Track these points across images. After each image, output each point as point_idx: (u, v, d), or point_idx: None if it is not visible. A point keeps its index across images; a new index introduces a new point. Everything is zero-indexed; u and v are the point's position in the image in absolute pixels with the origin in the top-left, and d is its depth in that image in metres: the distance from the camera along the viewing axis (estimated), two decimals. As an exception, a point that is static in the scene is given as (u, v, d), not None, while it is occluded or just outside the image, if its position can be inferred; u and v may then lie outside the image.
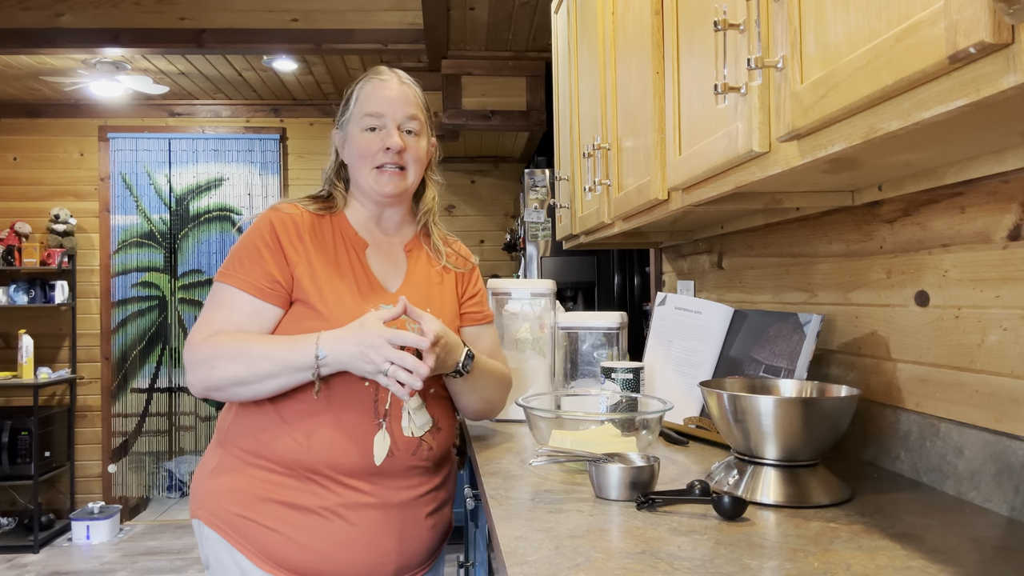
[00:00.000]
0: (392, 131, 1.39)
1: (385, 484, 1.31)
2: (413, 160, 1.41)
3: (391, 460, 1.31)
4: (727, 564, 0.84)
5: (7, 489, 4.77)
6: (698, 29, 1.20)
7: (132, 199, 5.17)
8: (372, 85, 1.42)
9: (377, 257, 1.43)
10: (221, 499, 1.30)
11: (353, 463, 1.29)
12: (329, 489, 1.28)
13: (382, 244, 1.46)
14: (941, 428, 1.13)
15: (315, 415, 1.28)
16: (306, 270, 1.34)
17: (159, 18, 3.65)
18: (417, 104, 1.43)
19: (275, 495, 1.28)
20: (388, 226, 1.48)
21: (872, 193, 1.27)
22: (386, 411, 1.32)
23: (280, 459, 1.28)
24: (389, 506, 1.31)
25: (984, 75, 0.59)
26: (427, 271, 1.47)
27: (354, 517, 1.28)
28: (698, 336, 1.65)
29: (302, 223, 1.38)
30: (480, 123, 4.14)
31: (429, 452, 1.36)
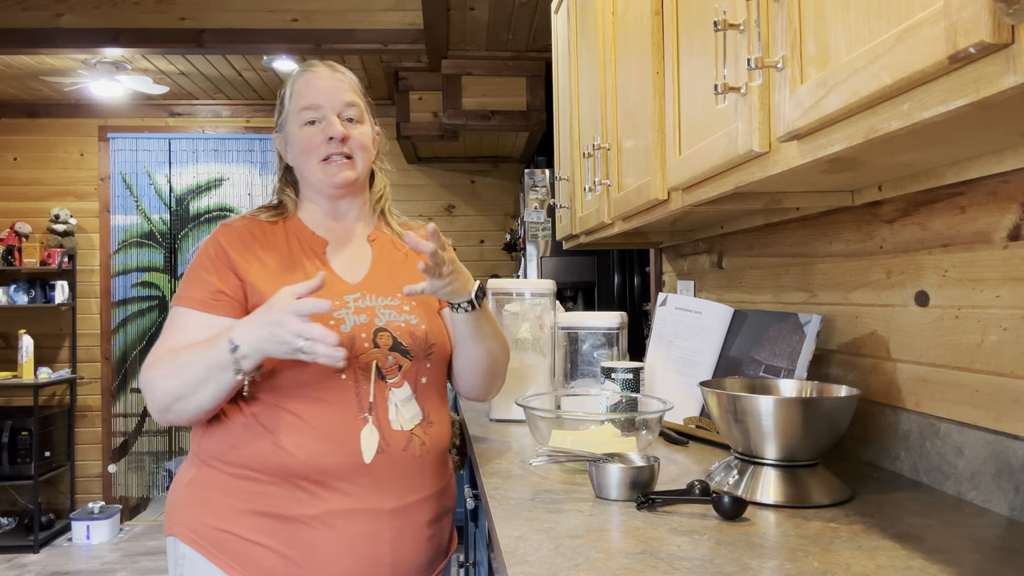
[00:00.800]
0: (332, 120, 1.34)
1: (375, 486, 1.23)
2: (359, 148, 1.37)
3: (382, 457, 1.23)
4: (727, 564, 0.84)
5: (7, 489, 4.77)
6: (698, 29, 1.20)
7: (132, 199, 5.17)
8: (304, 79, 1.37)
9: (339, 252, 1.38)
10: (200, 513, 1.22)
11: (341, 463, 1.21)
12: (316, 496, 1.20)
13: (343, 239, 1.41)
14: (941, 428, 1.13)
15: (295, 416, 1.22)
16: (260, 275, 1.29)
17: (159, 18, 3.65)
18: (354, 90, 1.39)
19: (259, 506, 1.20)
20: (347, 220, 1.43)
21: (872, 193, 1.27)
22: (370, 404, 1.24)
23: (262, 467, 1.21)
24: (381, 513, 1.23)
25: (984, 75, 0.59)
26: (392, 256, 1.42)
27: (342, 524, 1.20)
28: (698, 336, 1.65)
29: (252, 233, 1.34)
30: (480, 123, 4.14)
31: (422, 448, 1.29)
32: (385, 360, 1.27)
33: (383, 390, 1.26)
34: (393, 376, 1.28)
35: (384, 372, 1.27)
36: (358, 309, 1.29)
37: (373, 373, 1.26)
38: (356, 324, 1.27)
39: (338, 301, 1.28)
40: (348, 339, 1.24)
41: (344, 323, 1.26)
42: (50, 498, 4.98)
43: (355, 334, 1.26)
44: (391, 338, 1.29)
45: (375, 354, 1.26)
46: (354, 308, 1.29)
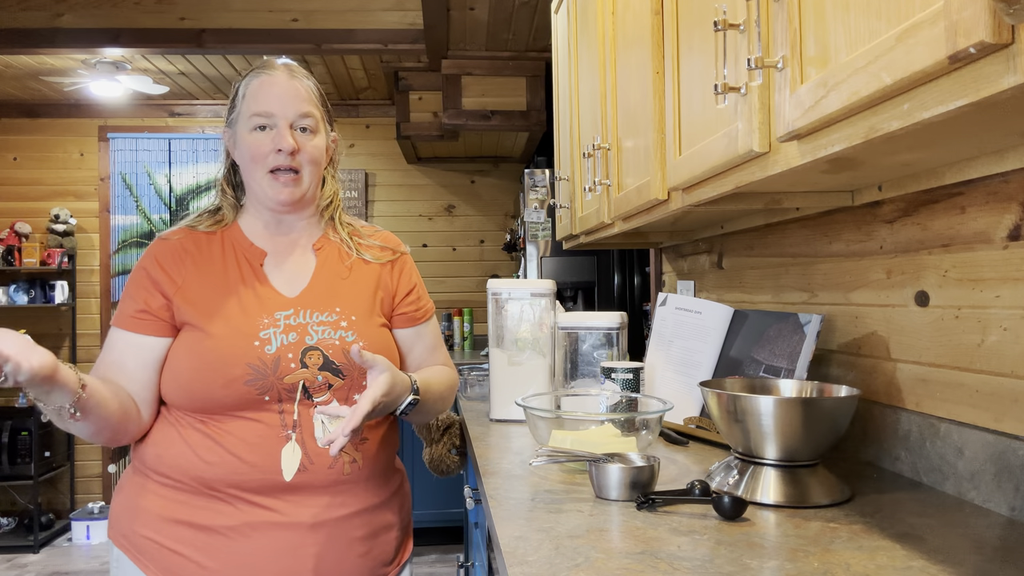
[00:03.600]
0: (284, 131, 1.27)
1: (297, 501, 1.20)
2: (308, 161, 1.30)
3: (305, 475, 1.20)
4: (727, 564, 0.84)
5: (7, 489, 4.77)
6: (698, 29, 1.20)
7: (132, 199, 5.17)
8: (259, 81, 1.30)
9: (279, 264, 1.33)
10: (131, 519, 1.23)
11: (258, 480, 1.18)
12: (234, 506, 1.19)
13: (285, 250, 1.35)
14: (941, 428, 1.13)
15: (217, 430, 1.20)
16: (187, 293, 1.26)
17: (159, 18, 3.64)
18: (310, 99, 1.31)
19: (178, 514, 1.19)
20: (291, 233, 1.36)
21: (872, 193, 1.27)
22: (295, 422, 1.21)
23: (183, 476, 1.20)
24: (301, 526, 1.19)
25: (984, 75, 0.59)
26: (336, 267, 1.35)
27: (260, 537, 1.18)
28: (698, 336, 1.65)
29: (185, 247, 1.30)
30: (480, 123, 4.13)
31: (353, 466, 1.24)
32: (314, 380, 1.23)
33: (308, 408, 1.22)
34: (321, 395, 1.24)
35: (312, 391, 1.23)
36: (288, 327, 1.24)
37: (299, 393, 1.22)
38: (283, 344, 1.23)
39: (267, 319, 1.24)
40: (272, 360, 1.21)
41: (270, 344, 1.22)
42: (50, 498, 4.98)
43: (280, 354, 1.22)
44: (322, 357, 1.24)
45: (302, 374, 1.22)
46: (283, 326, 1.24)
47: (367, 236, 1.42)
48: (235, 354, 1.20)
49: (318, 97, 1.34)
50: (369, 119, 5.14)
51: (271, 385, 1.20)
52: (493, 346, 1.85)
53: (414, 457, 4.02)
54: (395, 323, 1.40)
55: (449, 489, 3.89)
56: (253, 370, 1.20)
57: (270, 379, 1.20)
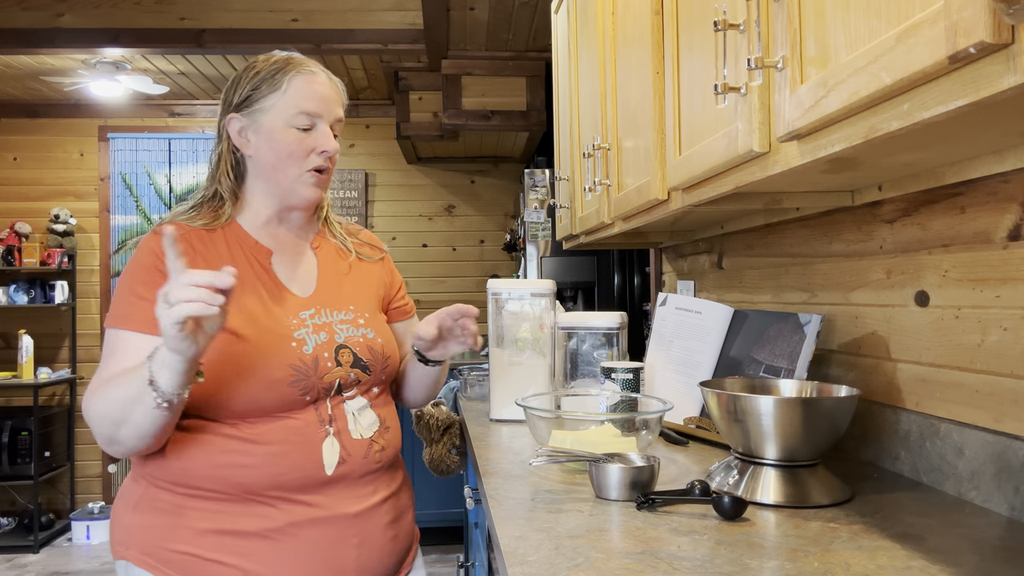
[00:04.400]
0: (328, 133, 1.28)
1: (338, 495, 1.20)
2: (334, 164, 1.32)
3: (344, 467, 1.21)
4: (727, 564, 0.84)
5: (7, 489, 4.77)
6: (698, 29, 1.20)
7: (132, 199, 5.17)
8: (305, 79, 1.27)
9: (284, 262, 1.30)
10: (154, 536, 1.16)
11: (302, 477, 1.17)
12: (276, 508, 1.16)
13: (288, 247, 1.32)
14: (941, 428, 1.13)
15: (250, 433, 1.16)
16: None
17: (159, 18, 3.64)
18: (343, 104, 1.34)
19: (216, 524, 1.14)
20: (294, 227, 1.34)
21: (872, 193, 1.27)
22: (330, 417, 1.22)
23: (217, 487, 1.15)
24: (345, 519, 1.20)
25: (984, 75, 0.59)
26: (336, 266, 1.36)
27: (305, 534, 1.17)
28: (698, 336, 1.65)
29: (191, 244, 1.23)
30: (480, 123, 4.13)
31: (381, 453, 1.27)
32: (347, 377, 1.25)
33: (339, 403, 1.24)
34: (350, 390, 1.26)
35: (343, 388, 1.25)
36: (316, 327, 1.25)
37: (334, 390, 1.23)
38: (317, 344, 1.22)
39: (295, 319, 1.23)
40: (311, 360, 1.20)
41: (306, 344, 1.21)
42: (50, 498, 4.98)
43: (317, 354, 1.22)
44: (351, 354, 1.26)
45: (338, 372, 1.23)
46: (312, 326, 1.24)
47: (355, 234, 1.45)
48: (275, 356, 1.18)
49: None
50: (369, 119, 5.14)
51: (312, 385, 1.20)
52: (493, 346, 1.85)
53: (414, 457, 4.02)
54: (391, 317, 1.45)
55: (449, 489, 3.89)
56: (295, 371, 1.19)
57: (312, 379, 1.20)
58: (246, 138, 1.28)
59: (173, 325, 0.97)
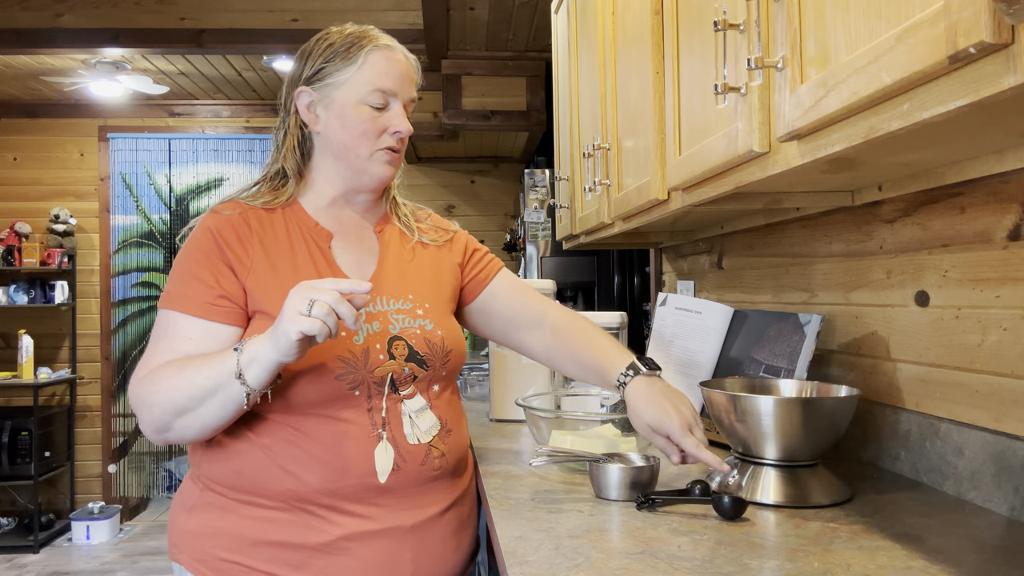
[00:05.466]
0: (403, 114, 1.23)
1: (394, 506, 1.11)
2: (404, 146, 1.28)
3: (398, 475, 1.11)
4: (727, 564, 0.84)
5: (7, 489, 4.77)
6: (698, 29, 1.20)
7: (132, 199, 5.17)
8: (382, 54, 1.21)
9: (346, 246, 1.23)
10: (206, 543, 1.12)
11: (353, 485, 1.09)
12: (329, 520, 1.09)
13: (351, 230, 1.26)
14: (941, 428, 1.13)
15: (302, 436, 1.10)
16: (259, 278, 1.14)
17: (159, 18, 3.64)
18: (417, 84, 1.29)
19: (268, 535, 1.09)
20: (359, 209, 1.28)
21: (872, 193, 1.27)
22: (384, 419, 1.13)
23: (268, 493, 1.10)
24: (400, 532, 1.11)
25: (984, 75, 0.59)
26: (400, 252, 1.28)
27: (358, 549, 1.09)
28: (698, 336, 1.65)
29: (248, 224, 1.18)
30: (480, 123, 4.13)
31: (441, 459, 1.16)
32: (401, 372, 1.15)
33: (395, 403, 1.14)
34: (406, 387, 1.16)
35: (397, 384, 1.15)
36: (369, 315, 1.16)
37: (387, 386, 1.14)
38: (369, 334, 1.14)
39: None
40: (362, 351, 1.12)
41: (357, 334, 1.13)
42: (50, 498, 4.98)
43: (369, 345, 1.13)
44: (407, 347, 1.17)
45: (391, 366, 1.14)
46: (365, 315, 1.15)
47: (424, 219, 1.38)
48: (323, 345, 1.07)
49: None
50: (369, 119, 5.13)
51: (362, 379, 1.12)
52: (493, 346, 1.85)
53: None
54: (467, 294, 1.35)
55: (449, 489, 3.87)
56: (344, 363, 1.11)
57: (361, 372, 1.12)
58: (315, 113, 1.22)
59: (298, 332, 0.96)
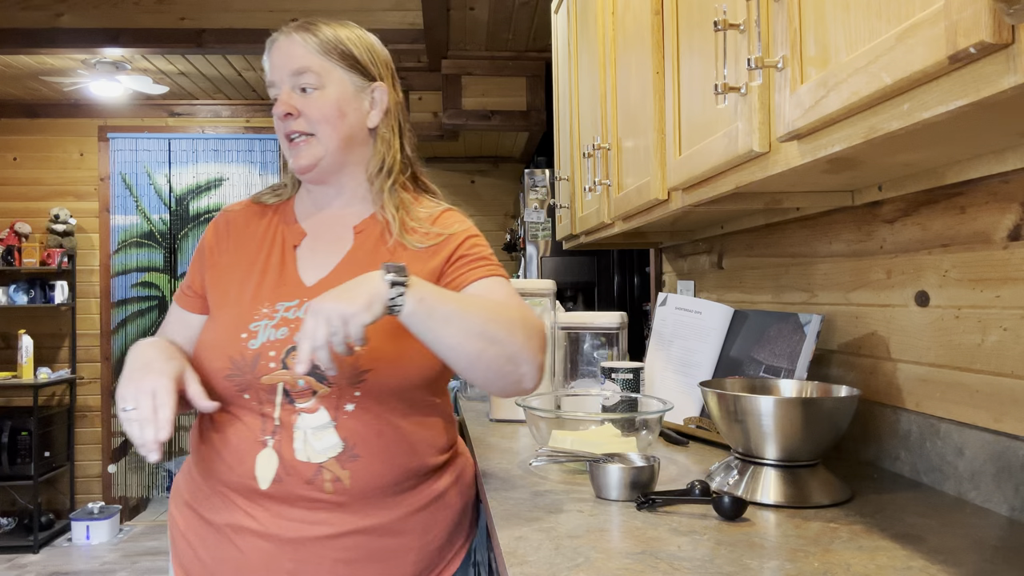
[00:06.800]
0: (283, 98, 1.17)
1: (275, 512, 1.08)
2: (319, 120, 1.16)
3: (280, 486, 1.08)
4: (727, 564, 0.84)
5: (7, 489, 4.77)
6: (698, 29, 1.20)
7: (132, 199, 5.17)
8: (271, 49, 1.20)
9: (316, 246, 1.21)
10: (171, 501, 1.23)
11: (237, 483, 1.10)
12: (225, 505, 1.11)
13: (329, 229, 1.22)
14: (941, 428, 1.13)
15: (213, 427, 1.14)
16: (215, 274, 1.21)
17: (159, 18, 3.64)
18: (307, 54, 1.17)
19: (194, 502, 1.16)
20: (331, 208, 1.24)
21: (872, 193, 1.27)
22: (274, 428, 1.09)
23: (196, 463, 1.17)
24: (279, 540, 1.07)
25: (984, 75, 0.59)
26: (372, 254, 1.18)
27: (241, 542, 1.09)
28: (698, 336, 1.65)
29: (237, 221, 1.24)
30: (480, 123, 4.14)
31: (335, 484, 1.08)
32: (295, 383, 1.09)
33: (290, 415, 1.09)
34: (304, 400, 1.09)
35: (293, 396, 1.10)
36: (284, 321, 1.12)
37: (279, 395, 1.10)
38: (268, 340, 1.11)
39: (267, 308, 1.14)
40: (252, 356, 1.10)
41: (255, 337, 1.11)
42: (50, 498, 4.98)
43: (262, 352, 1.10)
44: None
45: (281, 376, 1.09)
46: (279, 319, 1.12)
47: (423, 218, 1.22)
48: (221, 344, 1.12)
49: (323, 48, 1.18)
50: (369, 119, 5.13)
51: (249, 383, 1.10)
52: (493, 346, 1.84)
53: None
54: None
55: (449, 489, 3.87)
56: (233, 364, 1.10)
57: (247, 377, 1.10)
58: None
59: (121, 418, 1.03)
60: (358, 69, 1.21)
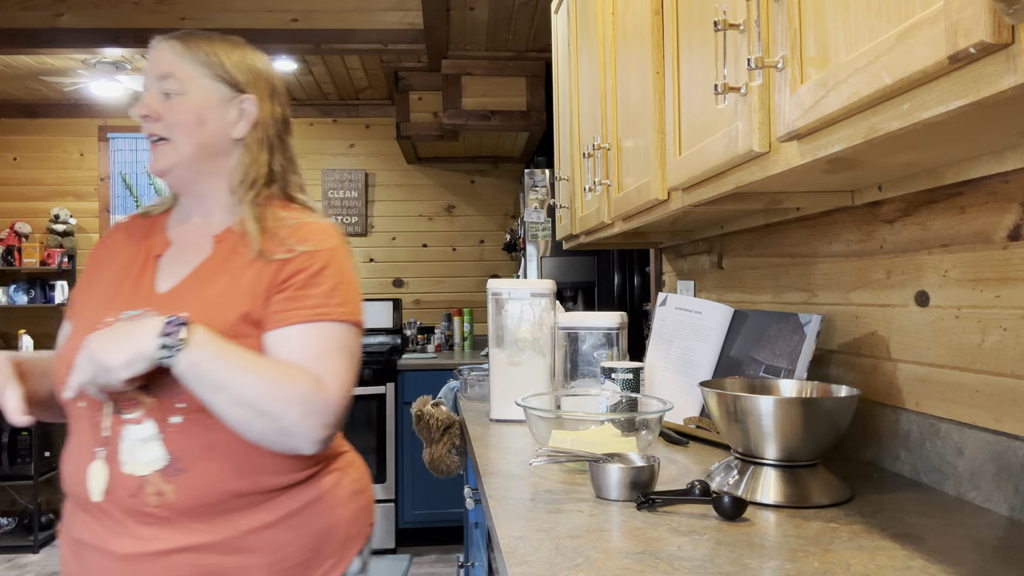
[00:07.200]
0: (143, 100, 1.17)
1: (109, 527, 1.06)
2: (175, 125, 1.15)
3: (111, 499, 1.06)
4: (727, 564, 0.84)
5: (7, 489, 4.77)
6: (698, 29, 1.20)
7: (132, 199, 5.17)
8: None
9: (177, 257, 1.19)
10: None
11: (74, 493, 1.10)
12: (73, 518, 1.11)
13: (193, 239, 1.21)
14: (941, 428, 1.13)
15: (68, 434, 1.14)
16: (84, 284, 1.22)
17: (159, 18, 3.64)
18: (174, 60, 1.17)
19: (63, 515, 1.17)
20: (193, 219, 1.23)
21: (872, 193, 1.27)
22: (104, 439, 1.07)
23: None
24: (112, 556, 1.05)
25: (984, 75, 0.59)
26: (225, 264, 1.15)
27: (85, 557, 1.08)
28: (698, 336, 1.65)
29: (117, 234, 1.26)
30: (480, 123, 4.13)
31: (160, 498, 1.04)
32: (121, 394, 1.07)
33: (119, 425, 1.07)
34: (131, 411, 1.07)
35: (121, 407, 1.08)
36: None
37: (107, 407, 1.08)
38: None
39: (112, 318, 1.12)
40: None
41: None
42: (50, 498, 4.97)
43: None
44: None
45: None
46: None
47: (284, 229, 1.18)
48: (66, 353, 1.12)
49: (190, 55, 1.17)
50: (369, 119, 5.13)
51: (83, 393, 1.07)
52: (493, 346, 1.85)
53: (414, 457, 4.02)
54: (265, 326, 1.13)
55: (449, 489, 3.89)
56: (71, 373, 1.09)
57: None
58: None
59: None
60: (225, 79, 1.20)
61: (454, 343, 4.87)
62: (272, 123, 1.24)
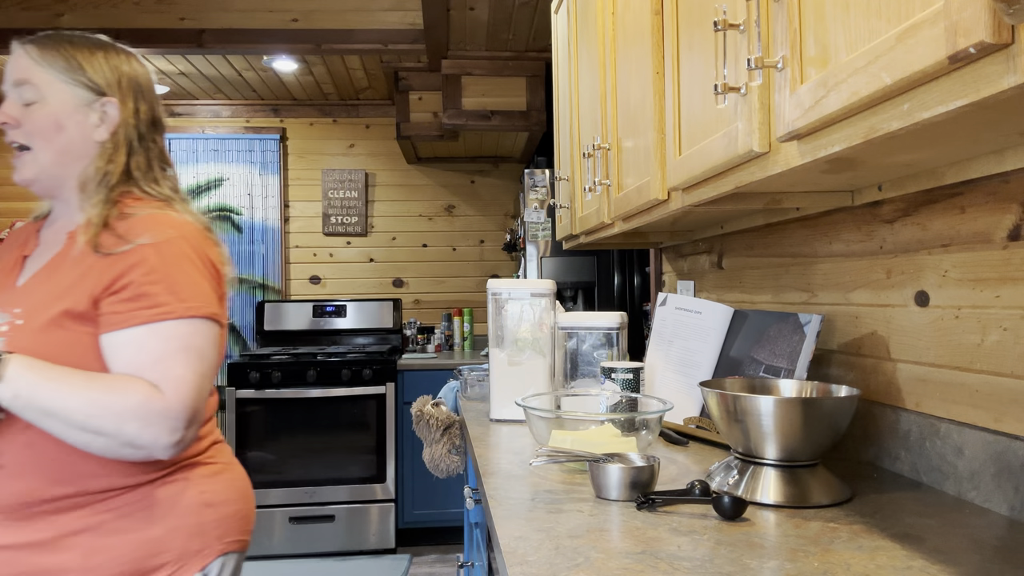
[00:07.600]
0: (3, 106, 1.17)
1: None
2: (34, 133, 1.16)
3: None
4: (727, 564, 0.84)
5: None
6: (698, 29, 1.20)
7: (132, 199, 5.17)
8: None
9: (41, 256, 1.21)
10: None
11: None
12: None
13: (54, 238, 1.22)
14: (941, 428, 1.13)
15: None
16: None
17: (159, 18, 3.65)
18: (30, 66, 1.16)
19: None
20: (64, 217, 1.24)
21: (872, 193, 1.27)
22: None
23: None
24: None
25: (984, 75, 0.59)
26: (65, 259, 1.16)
27: None
28: (698, 336, 1.65)
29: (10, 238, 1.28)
30: (480, 123, 4.13)
31: None
32: None
33: None
34: None
35: None
36: None
37: None
38: None
39: None
40: None
41: None
42: None
43: None
44: None
45: None
46: None
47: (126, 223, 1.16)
48: None
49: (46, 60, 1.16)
50: (369, 119, 5.14)
51: None
52: (493, 346, 1.85)
53: (414, 457, 4.02)
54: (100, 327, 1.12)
55: (449, 489, 3.89)
56: None
57: None
58: None
59: None
60: (84, 83, 1.19)
61: (454, 343, 4.87)
62: (135, 123, 1.25)
